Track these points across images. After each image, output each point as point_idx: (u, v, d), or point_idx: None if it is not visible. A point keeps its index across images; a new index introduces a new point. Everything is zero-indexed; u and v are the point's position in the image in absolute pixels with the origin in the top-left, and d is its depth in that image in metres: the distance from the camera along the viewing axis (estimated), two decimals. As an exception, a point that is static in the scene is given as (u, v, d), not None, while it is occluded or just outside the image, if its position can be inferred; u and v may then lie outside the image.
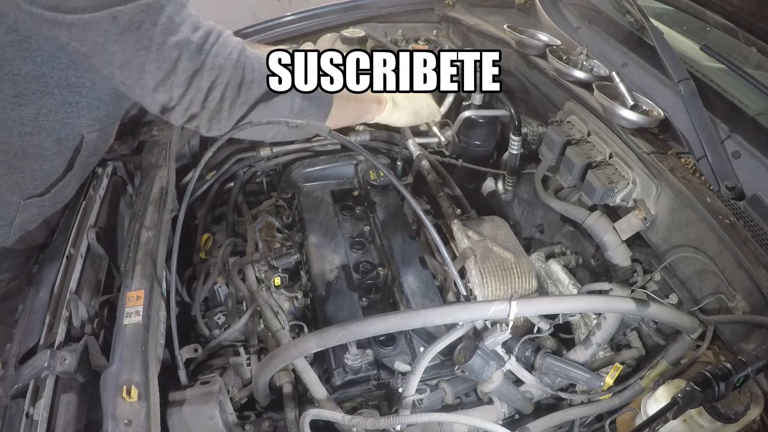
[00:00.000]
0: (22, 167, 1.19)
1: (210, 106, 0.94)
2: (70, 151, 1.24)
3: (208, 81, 0.92)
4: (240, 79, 0.95)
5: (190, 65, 0.89)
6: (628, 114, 1.38)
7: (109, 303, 1.21)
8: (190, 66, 0.89)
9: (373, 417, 1.12)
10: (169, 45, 0.88)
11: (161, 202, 1.39)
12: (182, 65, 0.89)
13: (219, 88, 0.93)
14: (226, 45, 0.93)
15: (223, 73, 0.92)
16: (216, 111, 0.95)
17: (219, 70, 0.92)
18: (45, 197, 1.28)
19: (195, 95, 0.92)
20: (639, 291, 1.30)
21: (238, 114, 0.98)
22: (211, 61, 0.91)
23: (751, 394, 1.00)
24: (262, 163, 1.93)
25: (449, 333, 1.18)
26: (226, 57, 0.92)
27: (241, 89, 0.95)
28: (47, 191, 1.28)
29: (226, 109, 0.95)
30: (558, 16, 2.02)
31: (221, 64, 0.92)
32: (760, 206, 1.16)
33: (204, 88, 0.92)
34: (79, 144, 1.24)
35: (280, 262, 1.53)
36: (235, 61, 0.94)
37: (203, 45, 0.90)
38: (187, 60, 0.89)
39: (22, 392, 1.00)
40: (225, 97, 0.94)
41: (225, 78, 0.93)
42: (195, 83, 0.91)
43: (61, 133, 1.19)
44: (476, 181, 2.07)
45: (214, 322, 1.45)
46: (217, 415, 1.06)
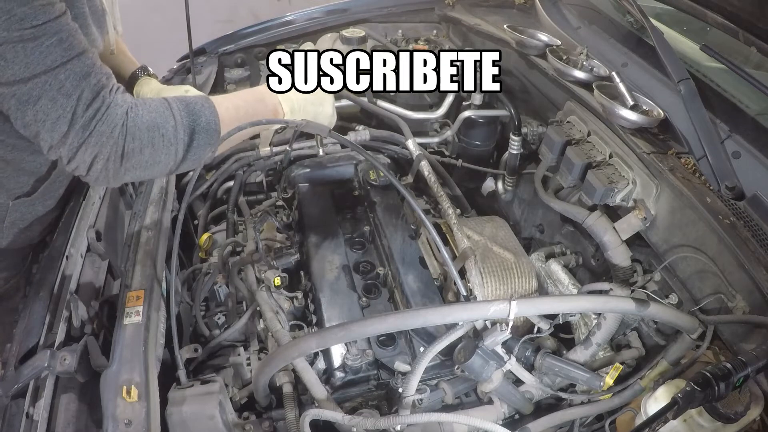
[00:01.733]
0: (4, 168, 1.21)
1: (94, 174, 1.03)
2: None
3: (90, 155, 1.00)
4: (121, 151, 1.02)
5: (75, 141, 0.98)
6: (628, 114, 1.38)
7: (109, 303, 1.21)
8: (75, 141, 0.98)
9: (373, 417, 1.12)
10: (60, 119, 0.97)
11: (161, 202, 1.39)
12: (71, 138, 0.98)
13: (100, 161, 1.01)
14: (110, 122, 1.00)
15: (104, 149, 1.00)
16: (102, 177, 1.04)
17: (100, 147, 1.00)
18: (33, 196, 1.29)
19: (80, 164, 1.01)
20: (639, 291, 1.30)
21: (122, 178, 1.06)
22: (94, 138, 0.99)
23: (751, 394, 1.00)
24: (262, 162, 1.93)
25: (449, 333, 1.18)
26: (108, 134, 1.00)
27: (122, 160, 1.03)
28: (35, 190, 1.29)
29: (111, 176, 1.04)
30: (558, 16, 2.02)
31: (102, 141, 1.00)
32: (760, 206, 1.16)
33: (87, 160, 1.00)
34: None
35: (280, 262, 1.53)
36: (115, 138, 1.01)
37: (87, 124, 0.98)
38: (73, 135, 0.98)
39: (22, 392, 1.00)
40: (107, 167, 1.02)
41: (105, 153, 1.01)
42: (79, 156, 1.00)
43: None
44: (476, 181, 2.07)
45: (214, 322, 1.45)
46: (217, 415, 1.05)
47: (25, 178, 1.26)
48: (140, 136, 1.03)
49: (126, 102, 1.04)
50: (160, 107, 1.08)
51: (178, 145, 1.08)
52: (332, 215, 1.71)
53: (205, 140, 1.12)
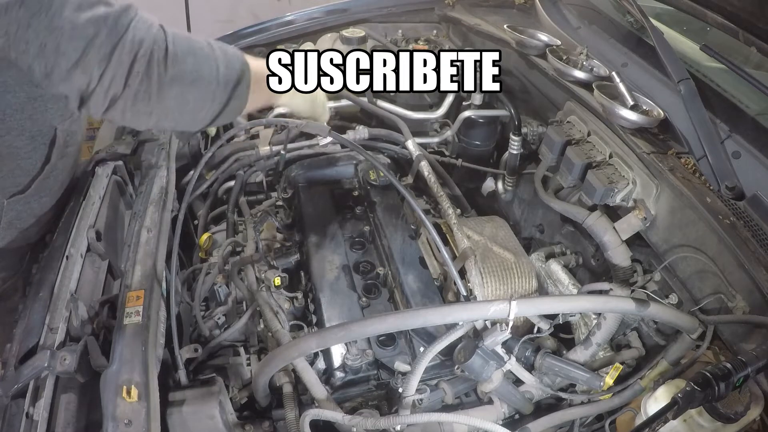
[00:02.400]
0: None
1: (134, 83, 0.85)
2: (45, 145, 1.23)
3: (129, 55, 0.83)
4: (164, 52, 0.88)
5: (108, 40, 0.82)
6: (628, 114, 1.38)
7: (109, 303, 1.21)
8: (108, 41, 0.82)
9: (373, 417, 1.12)
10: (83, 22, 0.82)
11: (161, 202, 1.39)
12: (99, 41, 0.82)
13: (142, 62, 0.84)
14: (144, 20, 0.88)
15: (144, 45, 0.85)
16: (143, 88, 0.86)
17: (140, 43, 0.84)
18: (27, 193, 1.27)
19: (116, 71, 0.84)
20: (639, 291, 1.30)
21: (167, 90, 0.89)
22: (132, 34, 0.84)
23: (751, 394, 1.00)
24: (262, 162, 1.93)
25: (449, 333, 1.18)
26: (146, 30, 0.86)
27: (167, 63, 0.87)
28: (28, 187, 1.26)
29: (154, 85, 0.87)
30: (558, 16, 2.02)
31: (141, 37, 0.85)
32: (760, 206, 1.16)
33: (125, 63, 0.83)
34: (53, 136, 1.22)
35: (280, 262, 1.53)
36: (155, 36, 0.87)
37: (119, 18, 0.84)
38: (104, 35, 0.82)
39: (22, 392, 1.00)
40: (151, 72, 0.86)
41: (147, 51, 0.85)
42: (115, 58, 0.83)
43: (32, 129, 1.17)
44: (476, 181, 2.07)
45: (214, 322, 1.45)
46: (217, 415, 1.06)
47: (20, 174, 1.24)
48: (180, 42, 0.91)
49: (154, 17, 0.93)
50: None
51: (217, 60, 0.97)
52: (332, 215, 1.71)
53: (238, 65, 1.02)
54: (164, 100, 0.91)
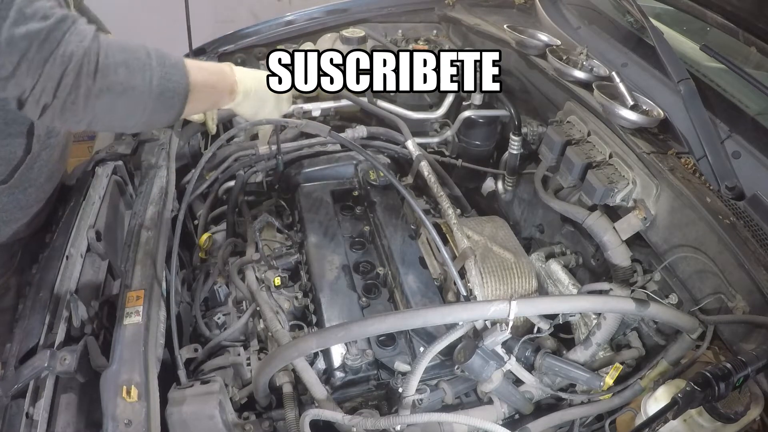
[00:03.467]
0: None
1: (62, 95, 0.90)
2: (23, 134, 1.22)
3: (59, 69, 0.88)
4: (94, 66, 0.91)
5: (40, 55, 0.87)
6: (628, 114, 1.38)
7: (109, 303, 1.21)
8: (39, 56, 0.87)
9: (373, 417, 1.12)
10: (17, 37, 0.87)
11: (161, 202, 1.39)
12: (31, 55, 0.87)
13: (70, 77, 0.89)
14: (77, 33, 0.91)
15: (74, 60, 0.89)
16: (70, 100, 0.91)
17: (70, 58, 0.88)
18: (10, 183, 1.26)
19: (46, 84, 0.89)
20: (639, 291, 1.30)
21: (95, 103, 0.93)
22: (62, 49, 0.88)
23: (751, 394, 1.00)
24: (262, 162, 1.93)
25: (449, 333, 1.18)
26: (77, 44, 0.90)
27: (96, 76, 0.91)
28: (10, 176, 1.26)
29: (81, 97, 0.91)
30: (558, 16, 2.02)
31: (71, 51, 0.89)
32: (760, 206, 1.16)
33: (54, 76, 0.88)
34: (31, 125, 1.22)
35: (280, 262, 1.53)
36: (86, 49, 0.90)
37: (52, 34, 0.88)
38: (35, 49, 0.87)
39: (22, 392, 1.00)
40: (78, 85, 0.90)
41: (76, 66, 0.89)
42: (46, 72, 0.88)
43: (6, 117, 1.17)
44: (476, 181, 2.07)
45: (214, 322, 1.45)
46: (217, 415, 1.05)
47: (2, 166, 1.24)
48: (113, 54, 0.94)
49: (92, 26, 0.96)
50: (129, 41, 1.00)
51: (152, 71, 0.99)
52: (332, 215, 1.71)
53: (177, 79, 1.04)
54: (93, 110, 0.95)
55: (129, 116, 1.02)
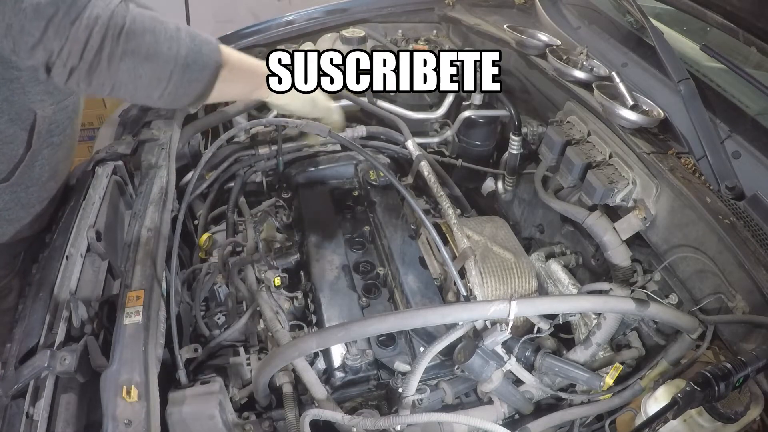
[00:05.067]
0: None
1: (88, 57, 0.92)
2: (26, 130, 1.22)
3: (85, 31, 0.90)
4: (119, 29, 0.93)
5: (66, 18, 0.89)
6: (628, 114, 1.38)
7: (109, 303, 1.21)
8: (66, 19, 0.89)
9: (373, 417, 1.12)
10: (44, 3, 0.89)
11: (161, 202, 1.39)
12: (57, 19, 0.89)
13: (96, 38, 0.91)
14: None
15: (100, 22, 0.91)
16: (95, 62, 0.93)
17: (96, 20, 0.91)
18: (12, 181, 1.26)
19: (73, 47, 0.91)
20: (639, 291, 1.30)
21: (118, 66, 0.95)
22: (88, 11, 0.90)
23: (751, 394, 1.00)
24: (262, 162, 1.93)
25: (449, 333, 1.18)
26: (103, 7, 0.92)
27: (120, 39, 0.93)
28: (12, 174, 1.26)
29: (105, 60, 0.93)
30: (558, 16, 2.02)
31: (97, 14, 0.91)
32: (760, 206, 1.16)
33: (81, 38, 0.90)
34: (33, 122, 1.22)
35: (280, 262, 1.53)
36: (112, 12, 0.92)
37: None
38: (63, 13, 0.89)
39: (22, 392, 1.00)
40: (103, 46, 0.92)
41: (102, 27, 0.91)
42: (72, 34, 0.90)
43: (11, 112, 1.17)
44: (476, 181, 2.07)
45: (214, 322, 1.45)
46: (217, 415, 1.05)
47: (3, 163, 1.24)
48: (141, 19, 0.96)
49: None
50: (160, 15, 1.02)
51: (180, 42, 1.00)
52: (332, 215, 1.71)
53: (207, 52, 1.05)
54: (117, 73, 0.96)
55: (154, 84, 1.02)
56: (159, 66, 1.00)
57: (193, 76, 1.04)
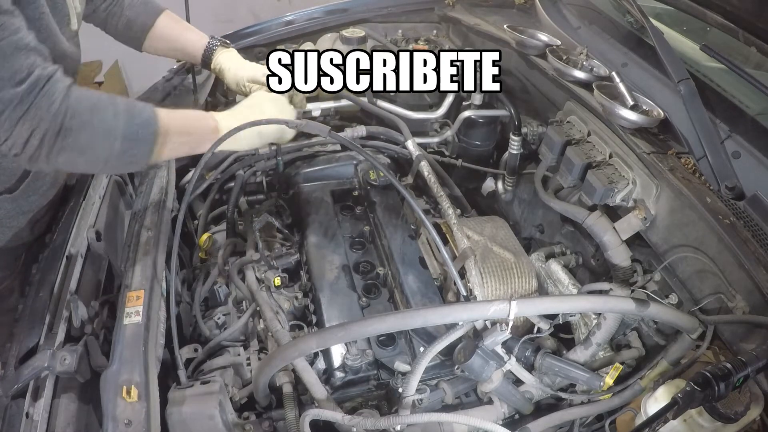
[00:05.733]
0: None
1: (29, 151, 1.01)
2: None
3: (27, 130, 0.99)
4: (58, 128, 1.01)
5: (12, 117, 0.97)
6: (628, 114, 1.38)
7: (109, 303, 1.21)
8: (12, 117, 0.97)
9: (373, 417, 1.12)
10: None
11: (161, 202, 1.39)
12: (4, 117, 0.97)
13: (37, 137, 0.99)
14: (48, 94, 1.00)
15: (42, 123, 0.99)
16: (35, 155, 1.02)
17: (38, 122, 0.99)
18: (16, 194, 1.29)
19: (16, 140, 0.99)
20: (639, 291, 1.30)
21: (56, 158, 1.03)
22: (32, 112, 0.98)
23: (751, 394, 1.00)
24: (262, 162, 1.93)
25: (449, 333, 1.18)
26: (46, 108, 0.99)
27: (57, 138, 1.01)
28: (17, 187, 1.29)
29: (44, 154, 1.02)
30: (558, 16, 2.02)
31: (41, 116, 0.99)
32: (760, 206, 1.16)
33: (23, 135, 0.99)
34: None
35: (280, 262, 1.53)
36: (54, 112, 0.99)
37: (25, 98, 0.98)
38: (8, 113, 0.97)
39: (22, 392, 1.00)
40: (42, 144, 1.00)
41: (42, 128, 0.99)
42: (16, 131, 0.98)
43: None
44: (476, 181, 2.07)
45: (214, 322, 1.45)
46: (217, 415, 1.05)
47: (7, 176, 1.26)
48: (80, 115, 1.02)
49: (67, 80, 1.04)
50: (103, 95, 1.08)
51: (116, 133, 1.07)
52: (332, 215, 1.71)
53: (143, 136, 1.10)
54: (56, 163, 1.05)
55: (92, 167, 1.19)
56: (95, 156, 1.08)
57: (129, 160, 1.12)
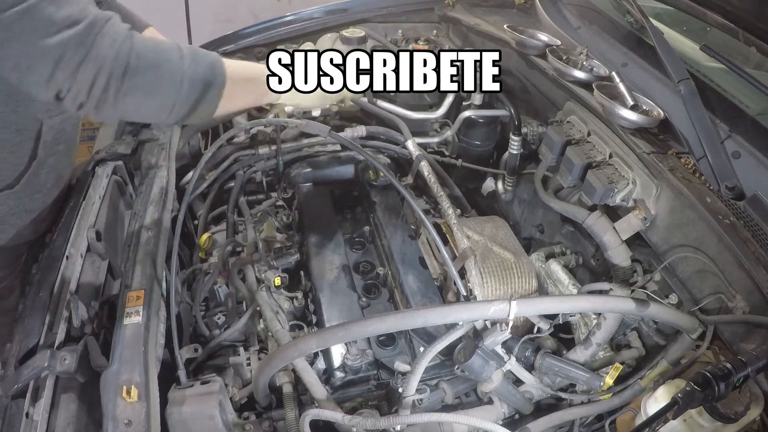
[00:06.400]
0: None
1: (96, 94, 0.97)
2: (31, 140, 1.24)
3: (91, 72, 0.95)
4: (123, 67, 0.97)
5: (73, 60, 0.93)
6: (628, 114, 1.38)
7: (109, 303, 1.21)
8: (73, 61, 0.94)
9: (373, 417, 1.12)
10: (51, 45, 0.93)
11: (161, 202, 1.39)
12: (65, 61, 0.93)
13: (102, 79, 0.96)
14: (109, 35, 0.96)
15: (106, 63, 0.96)
16: (102, 99, 0.98)
17: (102, 61, 0.95)
18: (16, 189, 1.28)
19: (81, 86, 0.96)
20: (639, 291, 1.30)
21: (123, 101, 1.00)
22: (94, 52, 0.94)
23: (751, 394, 1.00)
24: (262, 162, 1.93)
25: (449, 333, 1.18)
26: (108, 47, 0.96)
27: (125, 78, 0.98)
28: (17, 182, 1.28)
29: (111, 97, 0.99)
30: (558, 16, 2.02)
31: (103, 55, 0.95)
32: (760, 206, 1.16)
33: (88, 79, 0.95)
34: (39, 131, 1.24)
35: (280, 262, 1.53)
36: (117, 51, 0.96)
37: (84, 39, 0.94)
38: (69, 56, 0.93)
39: (22, 392, 1.00)
40: (109, 86, 0.97)
41: (107, 68, 0.96)
42: (79, 76, 0.95)
43: (18, 123, 1.19)
44: (476, 181, 2.07)
45: (214, 322, 1.45)
46: (217, 415, 1.05)
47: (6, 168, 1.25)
48: (145, 55, 1.00)
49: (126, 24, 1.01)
50: (166, 40, 1.06)
51: (183, 74, 1.05)
52: (332, 215, 1.71)
53: (210, 77, 1.08)
54: (123, 107, 1.02)
55: (159, 112, 1.08)
56: (163, 98, 1.05)
57: (197, 102, 1.09)
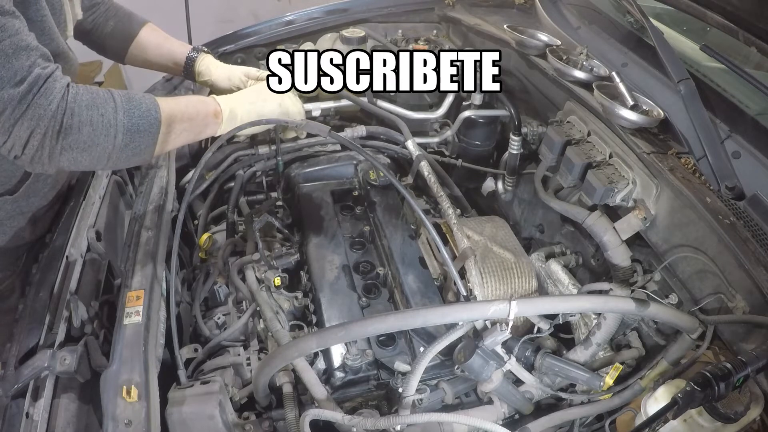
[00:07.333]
0: None
1: (30, 152, 1.00)
2: None
3: (27, 131, 0.97)
4: (58, 127, 0.99)
5: (11, 117, 0.96)
6: (628, 114, 1.38)
7: (109, 303, 1.21)
8: (11, 118, 0.96)
9: (373, 417, 1.12)
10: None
11: (161, 202, 1.39)
12: (3, 117, 0.96)
13: (37, 137, 0.98)
14: (47, 94, 0.98)
15: (41, 123, 0.98)
16: (37, 156, 1.01)
17: (38, 121, 0.97)
18: (17, 195, 1.29)
19: (15, 142, 0.98)
20: (639, 291, 1.30)
21: (59, 158, 1.03)
22: (30, 112, 0.97)
23: (751, 394, 1.00)
24: (262, 162, 1.93)
25: (449, 333, 1.18)
26: (45, 107, 0.97)
27: (59, 137, 1.00)
28: (17, 189, 1.29)
29: (46, 155, 1.01)
30: (558, 16, 2.02)
31: (40, 114, 0.97)
32: (760, 206, 1.16)
33: (23, 137, 0.98)
34: None
35: (280, 262, 1.53)
36: (53, 111, 0.98)
37: (25, 97, 0.96)
38: (8, 113, 0.96)
39: (22, 392, 1.00)
40: (44, 145, 0.99)
41: (42, 128, 0.98)
42: (15, 133, 0.97)
43: None
44: (476, 181, 2.07)
45: (214, 322, 1.45)
46: (217, 415, 1.06)
47: (7, 177, 1.26)
48: (79, 112, 1.01)
49: (65, 78, 1.03)
50: (101, 91, 1.07)
51: (117, 127, 1.06)
52: (332, 215, 1.71)
53: (145, 127, 1.09)
54: (58, 163, 1.04)
55: (96, 164, 1.10)
56: (98, 152, 1.06)
57: (133, 152, 1.11)
